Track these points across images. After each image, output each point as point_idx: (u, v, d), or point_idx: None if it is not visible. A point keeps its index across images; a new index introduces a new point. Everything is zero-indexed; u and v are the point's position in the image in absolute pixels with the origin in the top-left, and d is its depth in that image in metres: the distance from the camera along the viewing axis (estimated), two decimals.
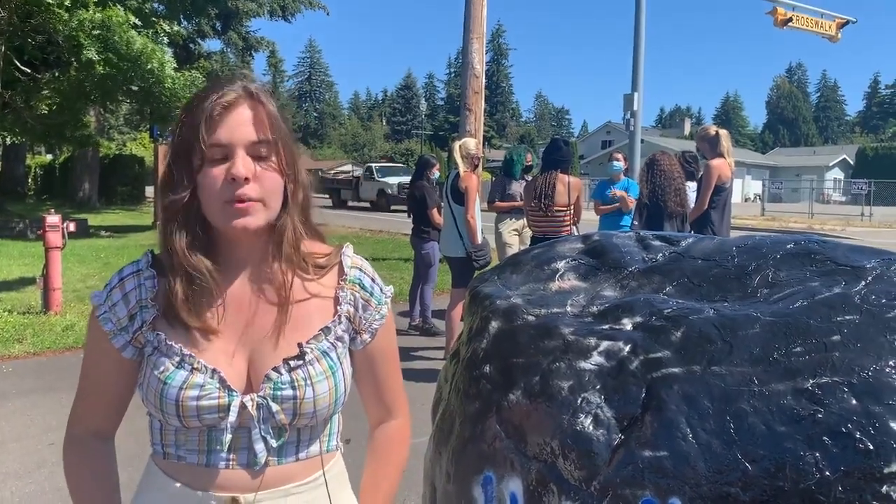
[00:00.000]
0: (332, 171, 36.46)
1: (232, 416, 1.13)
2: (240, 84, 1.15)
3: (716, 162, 5.80)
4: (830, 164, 60.13)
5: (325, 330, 1.22)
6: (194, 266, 1.12)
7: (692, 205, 5.81)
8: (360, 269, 1.29)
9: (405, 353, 1.38)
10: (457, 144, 6.30)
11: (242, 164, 1.10)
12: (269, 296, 1.20)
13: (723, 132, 5.96)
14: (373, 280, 1.30)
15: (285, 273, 1.20)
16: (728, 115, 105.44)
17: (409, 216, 7.66)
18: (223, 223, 1.12)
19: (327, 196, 30.68)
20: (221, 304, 1.17)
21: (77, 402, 1.25)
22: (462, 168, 6.09)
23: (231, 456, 1.15)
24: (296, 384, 1.15)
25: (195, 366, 1.13)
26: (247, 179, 1.10)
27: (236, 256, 1.19)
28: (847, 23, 19.07)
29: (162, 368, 1.13)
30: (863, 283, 1.38)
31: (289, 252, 1.19)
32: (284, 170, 1.16)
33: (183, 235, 1.13)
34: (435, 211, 7.19)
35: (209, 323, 1.15)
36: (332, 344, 1.21)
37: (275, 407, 1.14)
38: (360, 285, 1.27)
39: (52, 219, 7.25)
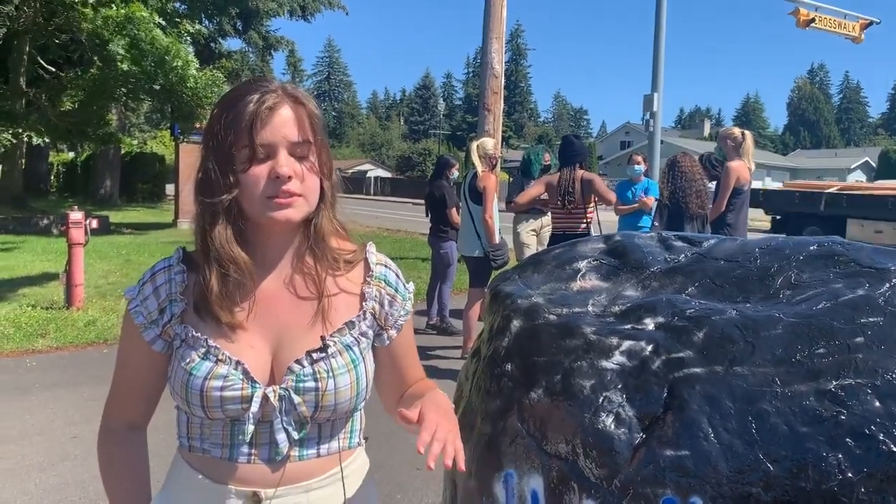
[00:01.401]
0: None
1: (254, 407, 1.15)
2: (278, 86, 1.17)
3: (735, 164, 5.76)
4: (852, 167, 59.38)
5: (350, 324, 1.24)
6: (233, 258, 1.15)
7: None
8: (386, 266, 1.32)
9: (422, 353, 1.43)
10: (475, 144, 6.30)
11: (286, 163, 1.13)
12: (301, 290, 1.22)
13: (748, 135, 5.93)
14: (397, 276, 1.33)
15: (318, 268, 1.23)
16: (748, 116, 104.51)
17: (427, 216, 7.68)
18: (265, 216, 1.15)
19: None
20: (253, 297, 1.20)
21: (111, 393, 1.28)
22: (480, 168, 6.10)
23: (253, 450, 1.18)
24: (318, 376, 1.17)
25: (220, 357, 1.16)
26: (290, 178, 1.13)
27: (271, 252, 1.22)
28: (870, 24, 18.82)
29: (188, 360, 1.16)
30: (887, 285, 1.38)
31: (323, 248, 1.22)
32: (322, 169, 1.20)
33: (223, 230, 1.16)
34: (453, 210, 7.21)
35: (238, 316, 1.18)
36: (355, 339, 1.24)
37: (297, 399, 1.17)
38: (385, 282, 1.30)
39: (76, 215, 7.32)
